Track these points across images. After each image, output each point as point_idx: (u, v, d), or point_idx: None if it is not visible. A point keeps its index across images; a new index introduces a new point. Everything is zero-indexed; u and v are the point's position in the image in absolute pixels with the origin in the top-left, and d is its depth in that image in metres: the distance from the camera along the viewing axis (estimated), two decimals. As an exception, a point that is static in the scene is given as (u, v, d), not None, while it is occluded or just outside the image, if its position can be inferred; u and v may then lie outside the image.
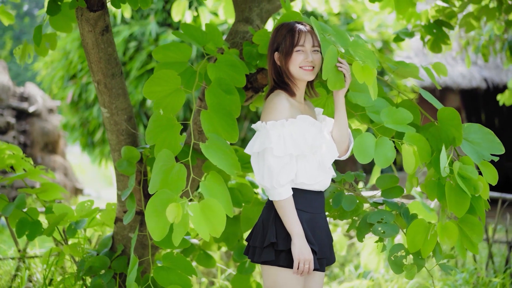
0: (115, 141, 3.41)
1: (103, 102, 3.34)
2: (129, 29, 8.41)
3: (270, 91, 2.72)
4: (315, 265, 2.58)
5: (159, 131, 2.78)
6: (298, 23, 2.70)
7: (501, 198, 5.51)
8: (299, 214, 2.60)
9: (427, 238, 2.81)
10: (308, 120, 2.62)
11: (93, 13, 3.08)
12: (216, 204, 2.46)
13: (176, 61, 2.95)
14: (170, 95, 2.83)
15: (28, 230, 3.60)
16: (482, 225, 2.83)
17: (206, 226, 2.45)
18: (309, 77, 2.67)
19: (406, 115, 2.80)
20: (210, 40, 3.05)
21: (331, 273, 5.93)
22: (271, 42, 2.72)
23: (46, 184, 3.79)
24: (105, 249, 3.65)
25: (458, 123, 2.77)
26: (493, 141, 2.84)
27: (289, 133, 2.56)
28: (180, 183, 2.54)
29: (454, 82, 10.82)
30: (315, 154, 2.62)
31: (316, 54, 2.68)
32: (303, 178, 2.60)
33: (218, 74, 2.88)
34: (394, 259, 2.94)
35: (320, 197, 2.72)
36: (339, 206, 3.14)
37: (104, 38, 3.18)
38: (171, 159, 2.59)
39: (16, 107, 11.29)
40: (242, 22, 3.50)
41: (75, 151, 19.27)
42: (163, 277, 3.14)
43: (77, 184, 11.86)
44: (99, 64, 3.22)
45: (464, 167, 2.68)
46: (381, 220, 3.02)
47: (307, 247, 2.55)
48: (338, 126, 2.66)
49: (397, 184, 3.21)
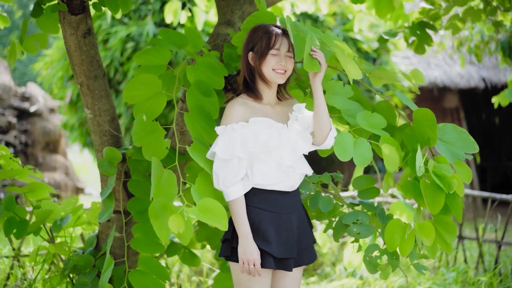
0: (99, 141, 3.47)
1: (86, 103, 3.40)
2: (127, 29, 8.48)
3: (231, 98, 2.81)
4: (269, 265, 2.63)
5: (144, 135, 2.85)
6: (275, 27, 2.75)
7: (491, 197, 5.54)
8: (261, 213, 2.67)
9: (404, 237, 2.86)
10: (263, 122, 2.67)
11: (75, 16, 3.13)
12: (213, 203, 2.54)
13: (156, 64, 3.01)
14: (151, 98, 2.89)
15: (15, 228, 3.67)
16: (455, 225, 2.88)
17: (212, 223, 2.55)
18: (280, 80, 2.73)
19: (380, 121, 2.89)
20: (190, 43, 3.10)
21: (322, 272, 5.98)
22: (246, 42, 2.77)
23: (33, 183, 3.84)
24: (90, 248, 3.70)
25: (433, 123, 2.81)
26: (467, 140, 2.88)
27: (240, 136, 2.63)
28: (172, 189, 2.63)
29: (452, 82, 10.82)
30: (271, 155, 2.66)
31: (289, 60, 2.73)
32: (259, 179, 2.66)
33: (197, 77, 2.94)
34: (369, 259, 2.98)
35: (288, 197, 2.75)
36: (316, 207, 3.18)
37: (86, 40, 3.23)
38: (160, 167, 2.66)
39: (17, 107, 11.38)
40: (223, 24, 3.55)
41: (78, 150, 19.36)
42: (138, 281, 3.26)
43: (78, 183, 11.94)
44: (81, 67, 3.28)
45: (438, 166, 2.73)
46: (356, 221, 3.06)
47: (251, 248, 2.60)
48: (315, 113, 2.68)
49: (374, 185, 3.25)
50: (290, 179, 2.72)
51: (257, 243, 2.64)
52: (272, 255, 2.64)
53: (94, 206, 3.79)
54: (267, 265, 2.63)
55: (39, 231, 3.71)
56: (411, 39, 4.35)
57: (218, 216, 2.53)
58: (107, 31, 8.74)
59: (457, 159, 2.84)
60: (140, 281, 3.23)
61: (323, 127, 2.69)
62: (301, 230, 2.79)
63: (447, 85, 10.84)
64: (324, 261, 6.08)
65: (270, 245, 2.64)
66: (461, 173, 2.84)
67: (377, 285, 5.25)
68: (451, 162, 2.82)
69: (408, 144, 2.94)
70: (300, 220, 2.81)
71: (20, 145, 11.18)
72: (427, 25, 4.15)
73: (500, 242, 5.43)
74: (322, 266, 6.06)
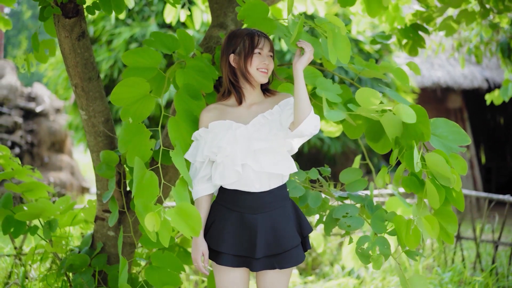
0: (93, 142, 3.53)
1: (81, 105, 3.46)
2: (131, 30, 8.56)
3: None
4: (225, 262, 2.77)
5: (130, 138, 2.91)
6: (254, 30, 2.84)
7: (488, 198, 5.56)
8: (224, 211, 2.81)
9: (409, 233, 2.89)
10: (221, 125, 2.78)
11: (69, 19, 3.19)
12: (190, 207, 2.57)
13: (146, 66, 3.03)
14: (138, 101, 2.94)
15: (13, 227, 3.73)
16: (455, 215, 2.92)
17: (185, 227, 2.57)
18: (264, 79, 2.80)
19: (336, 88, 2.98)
20: (181, 46, 3.15)
21: (320, 272, 6.02)
22: (226, 46, 2.84)
23: (32, 182, 3.89)
24: (86, 247, 3.76)
25: (426, 119, 2.83)
26: (459, 133, 2.91)
27: (203, 140, 2.81)
28: (153, 190, 2.66)
29: (455, 82, 10.82)
30: (228, 156, 2.75)
31: (270, 59, 2.82)
32: (217, 179, 2.79)
33: (186, 80, 3.00)
34: (361, 251, 3.03)
35: (254, 197, 2.78)
36: (305, 203, 3.23)
37: (81, 43, 3.29)
38: (142, 168, 2.70)
39: (23, 107, 11.47)
40: (216, 27, 3.60)
41: (83, 150, 19.47)
42: (154, 277, 3.30)
43: (83, 183, 12.02)
44: (76, 69, 3.33)
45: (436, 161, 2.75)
46: (346, 214, 3.11)
47: (196, 247, 2.80)
48: (295, 97, 2.68)
49: (361, 177, 3.31)
50: (247, 178, 2.76)
51: (213, 240, 2.79)
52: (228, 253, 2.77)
53: (91, 204, 3.85)
54: (223, 262, 2.77)
55: (35, 230, 3.77)
56: (404, 41, 4.38)
57: (193, 221, 2.55)
58: (110, 32, 8.83)
59: (452, 152, 2.88)
60: (156, 277, 3.28)
61: (300, 111, 2.66)
62: (278, 233, 2.79)
63: (450, 86, 10.86)
64: (322, 260, 6.13)
65: (224, 242, 2.76)
66: (457, 166, 2.86)
67: (373, 285, 5.29)
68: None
69: (402, 141, 2.98)
70: (275, 221, 2.80)
71: (26, 145, 11.28)
72: (420, 27, 4.19)
73: (497, 242, 5.46)
74: (321, 266, 6.10)
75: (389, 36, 4.20)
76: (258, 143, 2.74)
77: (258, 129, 2.76)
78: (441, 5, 4.34)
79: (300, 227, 2.87)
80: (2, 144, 9.76)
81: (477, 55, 6.60)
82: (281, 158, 2.80)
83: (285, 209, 2.83)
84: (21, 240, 4.90)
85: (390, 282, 5.24)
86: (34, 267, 4.71)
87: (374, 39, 4.19)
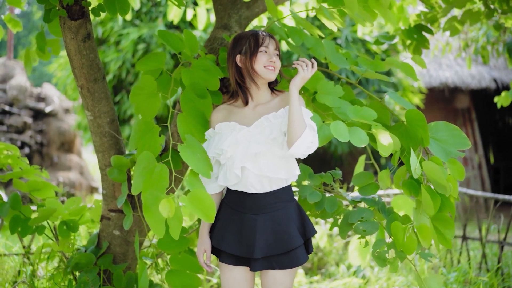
0: (99, 142, 3.57)
1: (87, 105, 3.50)
2: (138, 31, 8.61)
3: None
4: (225, 260, 2.84)
5: (140, 135, 2.95)
6: (258, 30, 2.88)
7: (494, 198, 5.56)
8: (228, 210, 2.87)
9: (406, 237, 2.91)
10: (227, 126, 2.82)
11: (75, 21, 3.22)
12: (203, 193, 2.57)
13: (155, 68, 3.13)
14: (147, 99, 3.01)
15: (20, 227, 3.77)
16: (452, 220, 2.93)
17: (198, 213, 2.57)
18: (272, 75, 2.82)
19: (370, 113, 2.91)
20: (186, 47, 3.19)
21: (326, 271, 6.04)
22: (232, 48, 2.88)
23: (39, 182, 3.94)
24: (92, 246, 3.80)
25: (424, 124, 2.84)
26: (459, 136, 2.90)
27: (211, 141, 2.86)
28: (163, 182, 2.66)
29: (463, 82, 10.80)
30: (230, 158, 2.79)
31: (277, 57, 2.85)
32: (221, 180, 2.84)
33: (192, 79, 3.04)
34: (378, 254, 3.05)
35: (255, 198, 2.81)
36: (322, 208, 3.27)
37: (86, 45, 3.33)
38: (153, 161, 2.72)
39: (33, 107, 11.56)
40: (221, 28, 3.63)
41: (92, 150, 19.58)
42: (175, 281, 3.34)
43: (92, 182, 12.09)
44: (81, 70, 3.37)
45: (433, 169, 2.76)
46: (361, 218, 3.13)
47: (199, 244, 2.91)
48: (288, 120, 2.70)
49: (373, 180, 3.32)
50: (247, 180, 2.80)
51: (215, 238, 2.87)
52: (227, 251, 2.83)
53: (97, 204, 3.89)
54: (223, 259, 2.85)
55: (43, 230, 3.81)
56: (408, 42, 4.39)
57: (207, 207, 2.55)
58: (119, 33, 8.88)
59: (450, 157, 2.88)
60: (176, 280, 3.32)
61: (292, 133, 2.66)
62: (280, 233, 2.81)
63: (458, 86, 10.83)
64: (328, 260, 6.14)
65: (225, 241, 2.82)
66: (454, 171, 2.87)
67: (378, 284, 5.31)
68: (445, 161, 2.84)
69: (403, 143, 2.99)
70: (276, 222, 2.81)
71: (36, 145, 11.36)
72: (424, 28, 4.19)
73: (502, 242, 5.46)
74: (326, 266, 6.12)
75: (393, 37, 4.21)
76: (256, 146, 2.75)
77: (260, 132, 2.78)
78: (445, 5, 4.34)
79: (303, 229, 2.87)
80: (12, 144, 9.85)
81: (483, 56, 6.59)
82: (282, 162, 2.81)
83: (287, 210, 2.85)
84: (30, 239, 4.95)
85: (395, 282, 5.25)
86: (42, 265, 4.77)
87: (377, 40, 4.21)
